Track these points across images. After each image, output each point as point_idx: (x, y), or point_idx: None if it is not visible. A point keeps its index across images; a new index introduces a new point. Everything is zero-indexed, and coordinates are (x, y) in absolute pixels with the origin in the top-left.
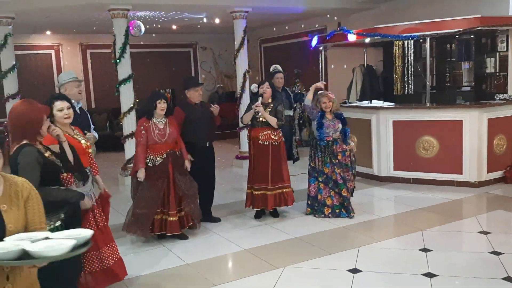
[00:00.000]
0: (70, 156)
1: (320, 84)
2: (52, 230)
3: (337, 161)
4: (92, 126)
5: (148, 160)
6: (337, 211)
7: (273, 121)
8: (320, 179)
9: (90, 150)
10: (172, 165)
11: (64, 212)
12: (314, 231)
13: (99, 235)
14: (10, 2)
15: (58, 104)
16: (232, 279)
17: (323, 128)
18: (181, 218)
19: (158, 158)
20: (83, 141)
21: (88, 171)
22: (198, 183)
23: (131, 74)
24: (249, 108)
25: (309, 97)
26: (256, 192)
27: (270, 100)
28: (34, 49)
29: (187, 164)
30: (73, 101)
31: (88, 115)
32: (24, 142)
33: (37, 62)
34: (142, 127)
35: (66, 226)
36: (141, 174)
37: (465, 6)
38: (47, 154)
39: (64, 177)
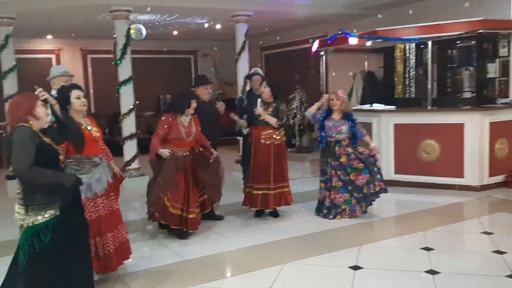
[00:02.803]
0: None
1: (325, 100)
2: (47, 223)
3: (337, 163)
4: None
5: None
6: (325, 211)
7: (273, 121)
8: (322, 178)
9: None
10: (191, 162)
11: (59, 202)
12: (314, 230)
13: (105, 221)
14: (11, 3)
15: (75, 92)
16: (231, 275)
17: (324, 130)
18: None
19: (180, 152)
20: (93, 130)
21: (99, 159)
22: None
23: (132, 76)
24: (243, 113)
25: (311, 110)
26: (256, 192)
27: (272, 99)
28: (34, 53)
29: (215, 153)
30: None
31: None
32: (20, 124)
33: (37, 66)
34: (167, 122)
35: (65, 215)
36: (164, 150)
37: (466, 11)
38: (46, 139)
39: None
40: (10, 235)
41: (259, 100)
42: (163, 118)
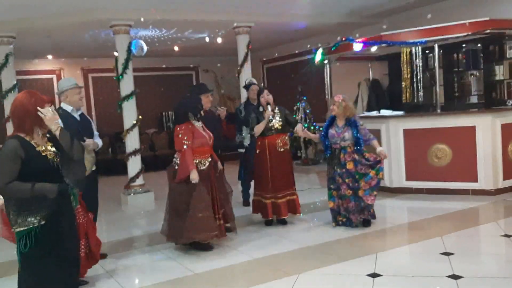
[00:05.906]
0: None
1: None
2: (29, 231)
3: (344, 170)
4: (96, 133)
5: (197, 162)
6: (343, 219)
7: (289, 128)
8: (332, 186)
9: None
10: (213, 168)
11: (44, 211)
12: (327, 240)
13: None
14: (11, 21)
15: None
16: (243, 287)
17: (327, 139)
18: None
19: (205, 161)
20: None
21: None
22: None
23: (134, 90)
24: (255, 119)
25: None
26: (280, 201)
27: (273, 107)
28: (35, 73)
29: (220, 166)
30: (71, 108)
31: (91, 122)
32: (16, 134)
33: (38, 86)
34: (189, 129)
35: (51, 223)
36: (194, 175)
37: (470, 13)
38: (41, 148)
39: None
40: (13, 256)
41: (269, 106)
42: (183, 127)
